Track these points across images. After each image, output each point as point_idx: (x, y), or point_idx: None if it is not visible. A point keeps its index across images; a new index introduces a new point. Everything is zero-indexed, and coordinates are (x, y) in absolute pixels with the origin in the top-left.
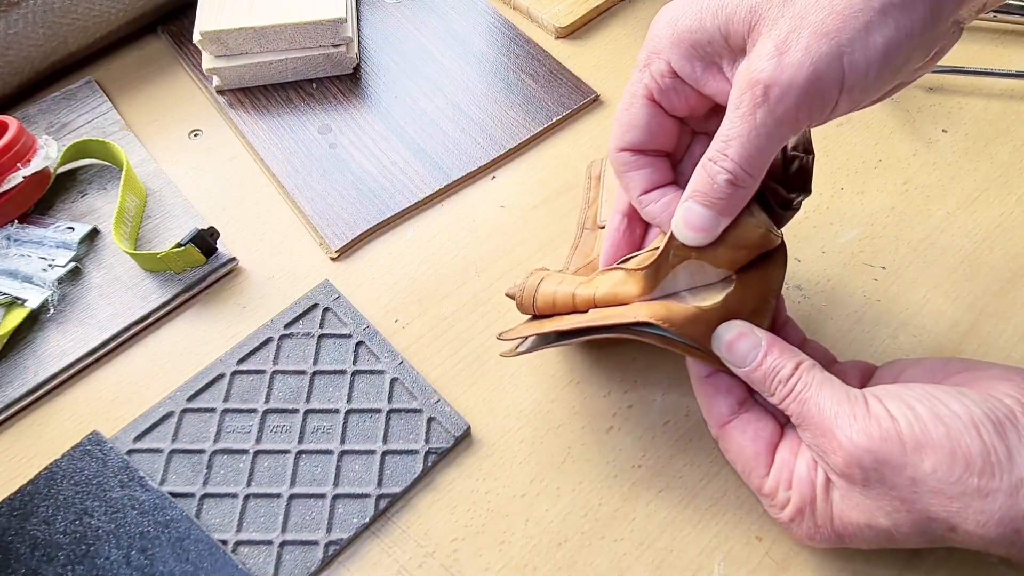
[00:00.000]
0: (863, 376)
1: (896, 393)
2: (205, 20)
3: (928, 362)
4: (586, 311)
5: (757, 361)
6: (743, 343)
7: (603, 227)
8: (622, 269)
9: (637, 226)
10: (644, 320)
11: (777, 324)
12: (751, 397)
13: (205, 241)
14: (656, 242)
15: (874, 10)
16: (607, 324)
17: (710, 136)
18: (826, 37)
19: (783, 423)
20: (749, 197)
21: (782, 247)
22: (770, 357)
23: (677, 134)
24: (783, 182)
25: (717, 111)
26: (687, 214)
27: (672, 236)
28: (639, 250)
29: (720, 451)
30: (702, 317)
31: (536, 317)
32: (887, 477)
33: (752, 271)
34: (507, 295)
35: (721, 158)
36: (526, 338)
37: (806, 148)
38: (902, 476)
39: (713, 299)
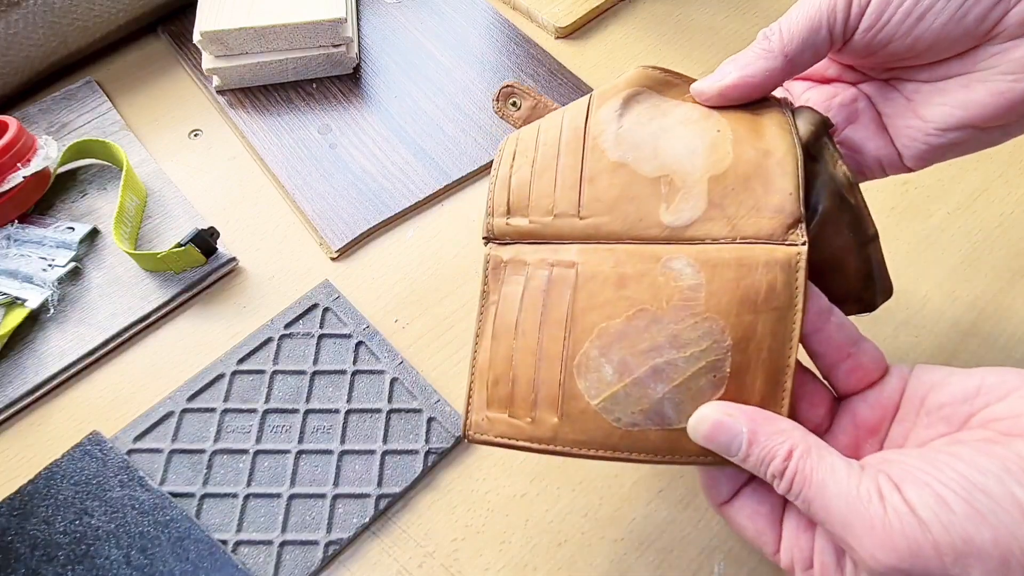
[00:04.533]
0: (900, 394)
1: (918, 476)
2: (205, 20)
3: (958, 382)
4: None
5: (743, 452)
6: (721, 435)
7: None
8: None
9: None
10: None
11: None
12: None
13: (205, 241)
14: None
15: None
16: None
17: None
18: None
19: None
20: (773, 68)
21: (791, 305)
22: (756, 447)
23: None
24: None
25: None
26: (716, 72)
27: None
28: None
29: None
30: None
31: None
32: None
33: (750, 353)
34: (507, 87)
35: (774, 26)
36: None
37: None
38: None
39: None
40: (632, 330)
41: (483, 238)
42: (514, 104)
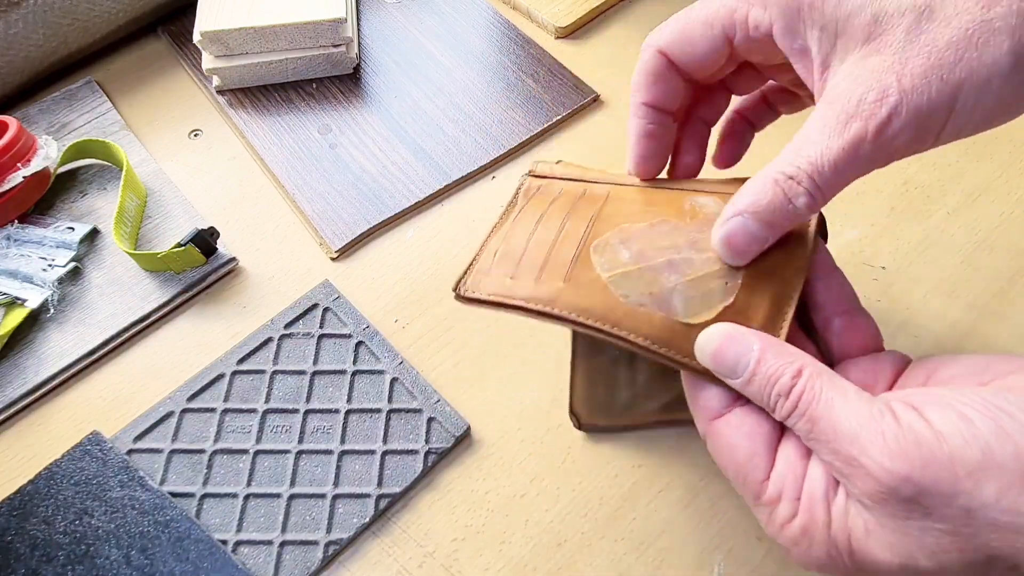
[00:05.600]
0: (897, 370)
1: (940, 398)
2: (205, 20)
3: (966, 360)
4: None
5: (750, 370)
6: (731, 350)
7: None
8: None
9: (667, 131)
10: (594, 326)
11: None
12: None
13: (205, 241)
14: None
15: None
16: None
17: (721, 92)
18: (943, 67)
19: None
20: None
21: (804, 239)
22: (764, 364)
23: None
24: None
25: (745, 68)
26: (737, 231)
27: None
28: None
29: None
30: (692, 332)
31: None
32: (934, 509)
33: (762, 271)
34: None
35: (805, 179)
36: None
37: None
38: (953, 507)
39: (706, 313)
40: (654, 233)
41: (522, 176)
42: None
